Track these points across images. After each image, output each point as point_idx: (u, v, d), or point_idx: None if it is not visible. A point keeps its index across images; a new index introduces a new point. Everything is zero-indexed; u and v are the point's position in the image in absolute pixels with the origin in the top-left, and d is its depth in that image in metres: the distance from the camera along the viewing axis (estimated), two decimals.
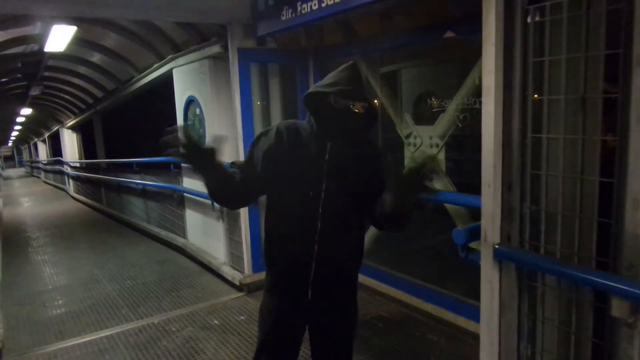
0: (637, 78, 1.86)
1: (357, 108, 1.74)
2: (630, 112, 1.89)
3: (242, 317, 4.07)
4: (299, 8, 3.60)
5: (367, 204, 1.83)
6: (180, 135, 1.60)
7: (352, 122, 1.77)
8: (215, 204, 5.06)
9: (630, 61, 1.88)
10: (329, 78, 1.78)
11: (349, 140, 1.83)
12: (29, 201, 15.90)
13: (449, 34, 3.31)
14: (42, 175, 24.61)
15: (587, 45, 2.09)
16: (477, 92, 3.28)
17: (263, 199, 1.95)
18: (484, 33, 2.31)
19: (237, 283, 4.71)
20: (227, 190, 1.81)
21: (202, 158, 1.65)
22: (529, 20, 2.24)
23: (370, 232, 4.40)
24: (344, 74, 1.77)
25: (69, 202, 14.59)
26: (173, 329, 3.94)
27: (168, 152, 1.60)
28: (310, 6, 3.47)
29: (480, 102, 2.49)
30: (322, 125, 1.81)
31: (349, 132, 1.81)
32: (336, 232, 1.81)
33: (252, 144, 1.89)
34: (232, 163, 1.88)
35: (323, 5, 3.35)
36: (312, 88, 1.80)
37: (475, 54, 2.92)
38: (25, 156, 40.10)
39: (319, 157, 1.79)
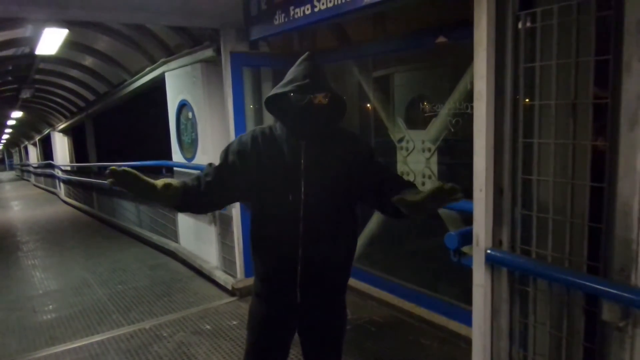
0: (627, 84, 1.88)
1: (320, 99, 1.69)
2: (620, 118, 1.91)
3: (235, 322, 4.05)
4: (291, 13, 3.60)
5: (358, 195, 1.82)
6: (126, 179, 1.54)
7: (318, 116, 1.73)
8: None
9: (620, 67, 1.90)
10: (287, 76, 1.74)
11: (322, 135, 1.79)
12: (19, 205, 15.76)
13: (441, 39, 3.33)
14: (33, 178, 24.39)
15: (578, 51, 2.11)
16: (469, 97, 3.30)
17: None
18: (476, 38, 2.33)
19: (230, 287, 4.69)
20: (192, 202, 1.76)
21: (152, 195, 1.60)
22: (520, 25, 2.26)
23: (364, 235, 4.41)
24: (300, 68, 1.73)
25: (60, 206, 14.47)
26: (165, 334, 3.91)
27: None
28: (303, 11, 3.48)
29: (472, 107, 2.51)
30: (291, 126, 1.77)
31: (319, 127, 1.77)
32: (321, 234, 1.78)
33: (226, 148, 1.85)
34: (209, 164, 1.83)
35: (316, 10, 3.36)
36: (272, 91, 1.75)
37: (467, 59, 2.94)
38: (16, 159, 39.78)
39: (294, 159, 1.75)
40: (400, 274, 4.20)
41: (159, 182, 1.62)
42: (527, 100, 2.30)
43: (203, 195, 1.75)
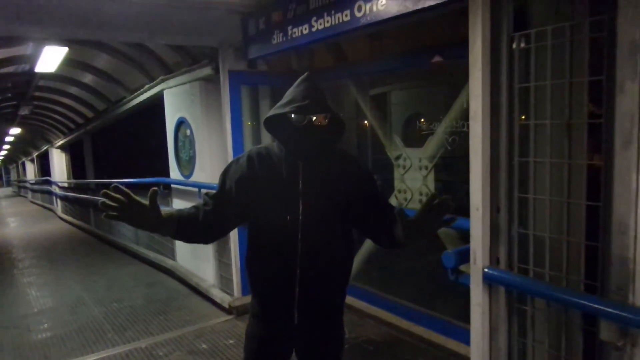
0: (621, 104, 1.90)
1: (319, 121, 1.70)
2: (614, 137, 1.93)
3: (231, 341, 4.01)
4: (289, 32, 3.65)
5: (353, 220, 1.82)
6: (118, 195, 1.51)
7: (317, 137, 1.73)
8: None
9: (614, 87, 1.92)
10: (286, 97, 1.74)
11: (320, 156, 1.79)
12: (15, 221, 15.68)
13: (437, 58, 3.37)
14: (30, 195, 24.32)
15: (572, 71, 2.14)
16: (466, 116, 3.32)
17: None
18: (471, 59, 2.36)
19: (226, 306, 4.65)
20: (191, 233, 1.75)
21: (146, 217, 1.58)
22: (514, 46, 2.29)
23: (361, 253, 4.39)
24: (299, 89, 1.73)
25: (56, 222, 14.40)
26: (160, 354, 3.87)
27: (108, 215, 1.53)
28: (301, 30, 3.52)
29: (468, 125, 2.53)
30: (289, 146, 1.77)
31: (318, 148, 1.77)
32: (319, 254, 1.78)
33: (223, 173, 1.84)
34: (206, 194, 1.83)
35: (313, 30, 3.40)
36: (271, 111, 1.75)
37: (463, 78, 2.97)
38: (13, 176, 39.72)
39: (292, 179, 1.75)
40: (398, 292, 4.18)
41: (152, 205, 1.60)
42: (523, 117, 2.33)
43: (203, 225, 1.73)
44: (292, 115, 1.69)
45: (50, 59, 5.72)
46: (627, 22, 1.85)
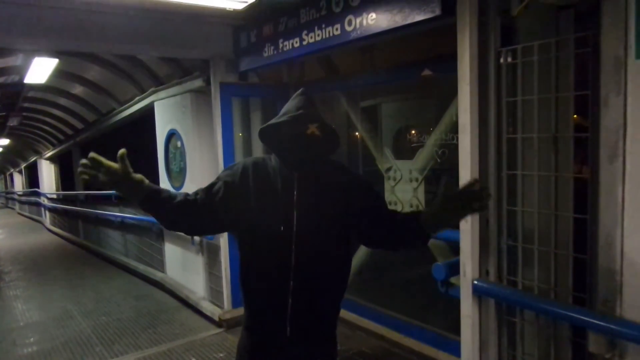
0: (605, 118, 1.94)
1: (312, 130, 1.71)
2: (600, 151, 1.96)
3: (221, 355, 3.98)
4: (280, 45, 3.67)
5: (361, 233, 1.82)
6: (91, 162, 1.58)
7: (312, 147, 1.74)
8: (194, 237, 5.01)
9: (598, 101, 1.96)
10: (281, 111, 1.78)
11: (315, 168, 1.80)
12: (2, 233, 15.47)
13: (426, 72, 3.41)
14: (17, 206, 24.05)
15: (558, 86, 2.18)
16: (455, 129, 3.36)
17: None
18: (459, 73, 2.40)
19: (216, 319, 4.61)
20: (165, 205, 1.70)
21: (115, 175, 1.59)
22: (501, 61, 2.33)
23: (352, 265, 4.38)
24: (294, 102, 1.76)
25: (44, 234, 14.24)
26: None
27: (83, 179, 1.59)
28: (292, 44, 3.55)
29: (457, 138, 2.56)
30: (284, 158, 1.78)
31: (313, 159, 1.78)
32: (313, 267, 1.77)
33: (217, 178, 1.84)
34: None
35: (304, 43, 3.43)
36: (266, 123, 1.78)
37: (452, 91, 3.01)
38: (1, 187, 39.25)
39: (287, 190, 1.76)
40: (389, 304, 4.17)
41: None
42: (510, 129, 2.36)
43: (177, 206, 1.71)
44: (286, 125, 1.71)
45: (40, 70, 5.70)
46: (610, 38, 1.90)
